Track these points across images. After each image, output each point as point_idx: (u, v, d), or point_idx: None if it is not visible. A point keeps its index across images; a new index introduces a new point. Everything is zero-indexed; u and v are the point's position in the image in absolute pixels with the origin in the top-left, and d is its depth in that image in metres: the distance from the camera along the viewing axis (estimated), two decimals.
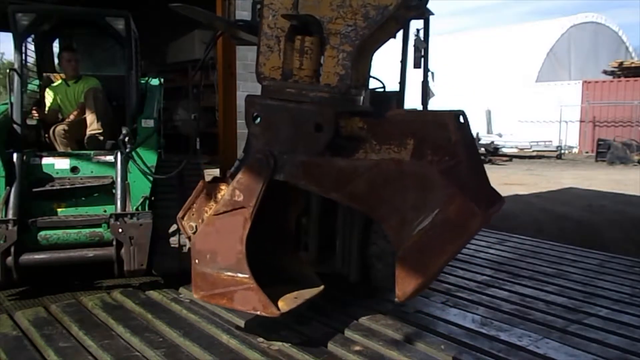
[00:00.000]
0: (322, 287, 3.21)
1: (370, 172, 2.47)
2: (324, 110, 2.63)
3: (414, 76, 4.56)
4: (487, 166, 18.53)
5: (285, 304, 2.97)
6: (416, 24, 4.40)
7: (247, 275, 2.83)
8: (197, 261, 3.00)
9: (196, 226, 3.04)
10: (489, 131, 23.74)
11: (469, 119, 2.51)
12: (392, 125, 2.51)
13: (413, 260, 2.38)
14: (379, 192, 2.45)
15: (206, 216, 3.00)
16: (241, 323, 3.30)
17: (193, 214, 3.07)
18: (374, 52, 2.87)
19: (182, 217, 3.09)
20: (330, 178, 2.60)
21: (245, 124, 2.85)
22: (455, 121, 2.41)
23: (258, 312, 2.90)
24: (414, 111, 2.53)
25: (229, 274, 2.89)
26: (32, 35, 4.67)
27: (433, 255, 2.34)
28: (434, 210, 2.29)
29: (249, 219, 2.78)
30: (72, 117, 4.58)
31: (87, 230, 3.96)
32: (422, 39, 4.34)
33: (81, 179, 4.12)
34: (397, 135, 2.48)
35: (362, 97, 2.87)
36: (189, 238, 3.09)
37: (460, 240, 2.34)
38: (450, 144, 2.37)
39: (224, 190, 2.95)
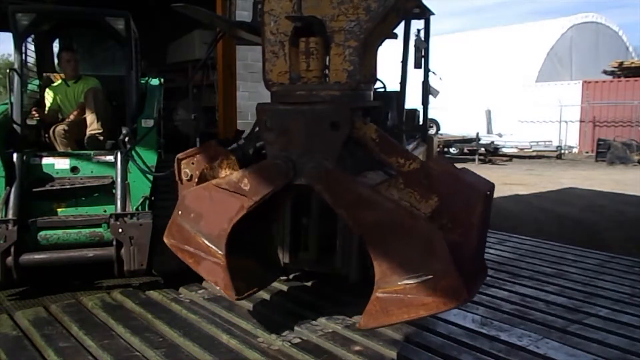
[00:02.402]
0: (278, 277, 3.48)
1: (386, 213, 2.47)
2: (338, 108, 2.62)
3: (415, 76, 4.57)
4: (487, 166, 18.61)
5: (244, 290, 3.04)
6: (417, 24, 4.42)
7: (221, 253, 2.87)
8: (180, 212, 3.02)
9: (191, 175, 3.05)
10: (489, 131, 23.74)
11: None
12: (427, 175, 2.49)
13: (386, 306, 2.46)
14: (384, 234, 2.48)
15: (204, 170, 3.01)
16: (241, 323, 3.30)
17: (193, 163, 3.06)
18: (379, 46, 2.87)
19: (182, 159, 3.09)
20: (346, 197, 2.58)
21: (259, 132, 2.84)
22: (484, 202, 2.41)
23: (217, 288, 2.98)
24: (453, 171, 2.49)
25: (206, 241, 2.92)
26: (32, 35, 4.67)
27: (406, 311, 2.43)
28: (427, 275, 2.36)
29: (245, 209, 2.79)
30: (72, 117, 4.58)
31: (87, 230, 3.97)
32: (422, 39, 4.35)
33: (81, 179, 4.12)
34: (426, 187, 2.46)
35: (371, 92, 2.87)
36: (180, 181, 3.09)
37: (436, 311, 2.43)
38: (469, 223, 2.39)
39: (230, 162, 2.97)
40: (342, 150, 2.64)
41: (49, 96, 4.76)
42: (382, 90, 4.52)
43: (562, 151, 21.36)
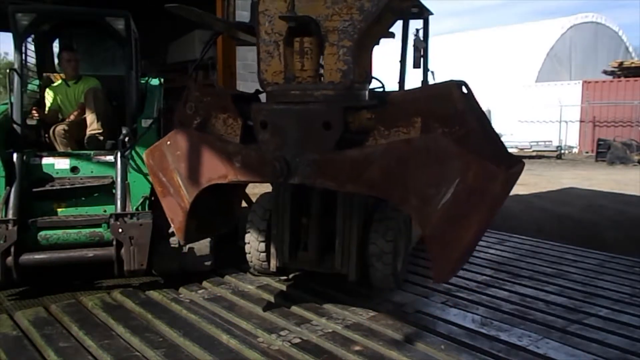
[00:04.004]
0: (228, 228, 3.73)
1: (383, 156, 2.46)
2: (331, 108, 2.63)
3: (415, 76, 4.57)
4: None
5: (193, 236, 3.30)
6: (416, 24, 4.41)
7: (188, 199, 2.99)
8: (168, 143, 3.09)
9: (195, 109, 3.07)
10: None
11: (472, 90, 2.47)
12: (396, 107, 2.50)
13: (442, 237, 2.31)
14: (395, 175, 2.43)
15: (209, 116, 3.04)
16: (241, 323, 3.30)
17: (200, 102, 3.07)
18: (374, 45, 2.87)
19: (194, 92, 3.10)
20: (344, 171, 2.59)
21: (254, 132, 2.85)
22: (458, 90, 2.38)
23: (171, 226, 3.15)
24: (414, 89, 2.53)
25: (180, 182, 3.02)
26: (32, 35, 4.67)
27: (462, 227, 2.25)
28: (454, 181, 2.23)
29: (227, 179, 2.87)
30: (72, 117, 4.58)
31: (87, 230, 3.96)
32: (421, 38, 4.34)
33: (81, 179, 4.12)
34: (403, 116, 2.46)
35: (366, 92, 2.88)
36: (183, 105, 3.10)
37: (487, 205, 2.25)
38: (457, 113, 2.33)
39: (235, 125, 2.98)
40: (334, 149, 2.64)
41: (49, 96, 4.76)
42: (381, 90, 4.52)
43: (562, 151, 21.36)
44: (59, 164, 4.15)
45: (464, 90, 2.41)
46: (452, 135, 2.31)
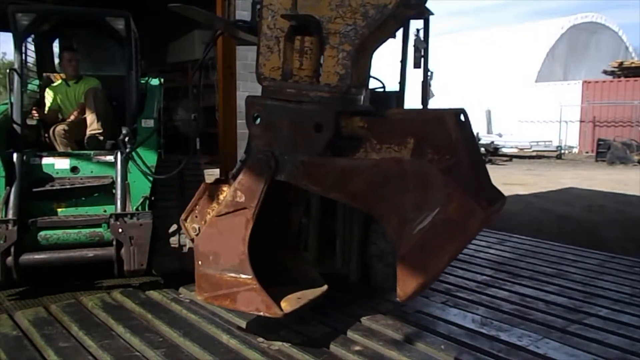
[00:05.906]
0: (325, 287, 3.22)
1: (371, 171, 2.47)
2: (323, 110, 2.63)
3: (415, 76, 4.56)
4: (487, 166, 18.85)
5: (289, 304, 2.98)
6: (416, 24, 4.41)
7: (249, 276, 2.83)
8: (200, 262, 3.00)
9: (199, 228, 3.04)
10: (489, 131, 23.75)
11: (470, 118, 2.49)
12: (392, 124, 2.51)
13: (413, 260, 2.36)
14: (379, 191, 2.45)
15: (209, 217, 3.00)
16: (241, 323, 3.30)
17: (196, 216, 3.06)
18: (374, 51, 2.87)
19: (185, 219, 3.09)
20: (330, 178, 2.60)
21: (246, 124, 2.85)
22: (455, 119, 2.39)
23: (261, 313, 2.91)
24: (413, 110, 2.54)
25: (232, 275, 2.90)
26: (32, 35, 4.67)
27: (433, 255, 2.31)
28: (434, 209, 2.28)
29: (251, 220, 2.79)
30: (72, 117, 4.58)
31: (87, 230, 3.96)
32: (422, 39, 4.34)
33: (81, 179, 4.12)
34: (398, 134, 2.47)
35: (362, 97, 2.87)
36: (192, 240, 3.10)
37: (461, 239, 2.32)
38: (450, 142, 2.35)
39: (226, 192, 2.96)
40: (324, 151, 2.64)
41: (49, 96, 4.75)
42: (382, 90, 4.52)
43: (562, 151, 21.37)
44: (59, 164, 4.14)
45: (462, 118, 2.43)
46: (441, 163, 2.34)
